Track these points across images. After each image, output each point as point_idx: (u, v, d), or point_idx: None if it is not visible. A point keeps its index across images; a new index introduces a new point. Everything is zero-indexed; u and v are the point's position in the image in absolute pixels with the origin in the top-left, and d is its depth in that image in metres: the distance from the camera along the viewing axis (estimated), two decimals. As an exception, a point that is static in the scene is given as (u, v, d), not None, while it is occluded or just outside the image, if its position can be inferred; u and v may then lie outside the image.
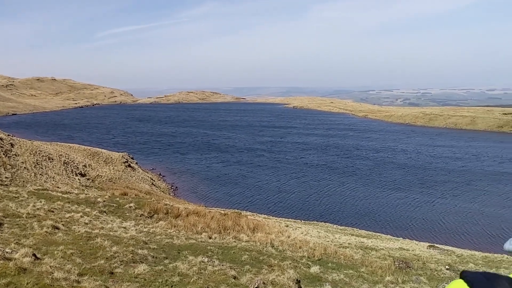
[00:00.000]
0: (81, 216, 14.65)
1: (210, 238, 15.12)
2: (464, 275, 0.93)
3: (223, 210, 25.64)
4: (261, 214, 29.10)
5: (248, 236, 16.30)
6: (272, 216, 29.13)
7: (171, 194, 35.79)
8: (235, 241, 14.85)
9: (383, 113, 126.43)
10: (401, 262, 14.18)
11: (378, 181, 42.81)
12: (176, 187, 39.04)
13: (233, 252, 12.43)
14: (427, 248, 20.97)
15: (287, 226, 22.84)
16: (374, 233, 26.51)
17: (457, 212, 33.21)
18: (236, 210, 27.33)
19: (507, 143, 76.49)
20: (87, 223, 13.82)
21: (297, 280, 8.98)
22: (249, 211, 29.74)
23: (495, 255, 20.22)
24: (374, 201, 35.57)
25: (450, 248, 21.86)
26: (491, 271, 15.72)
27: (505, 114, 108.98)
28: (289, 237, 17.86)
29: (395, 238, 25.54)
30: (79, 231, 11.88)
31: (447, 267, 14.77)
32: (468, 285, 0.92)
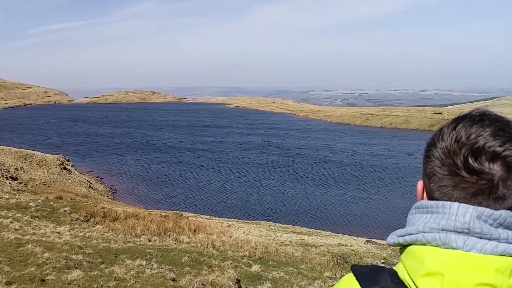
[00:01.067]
0: (11, 222, 13.87)
1: (149, 241, 14.83)
2: (353, 269, 0.97)
3: (164, 212, 25.21)
4: (204, 215, 28.87)
5: (189, 237, 16.13)
6: (215, 217, 28.99)
7: (109, 197, 34.72)
8: (175, 243, 14.65)
9: (323, 113, 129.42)
10: (339, 258, 14.56)
11: (318, 179, 43.80)
12: (115, 190, 37.93)
13: (173, 254, 12.25)
14: (364, 243, 21.66)
15: (229, 226, 22.81)
16: (315, 230, 27.07)
17: (392, 208, 34.65)
18: (177, 212, 26.96)
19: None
20: (17, 229, 13.10)
21: (237, 279, 8.98)
22: (191, 212, 29.41)
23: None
24: (315, 199, 36.37)
25: (385, 242, 22.58)
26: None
27: (436, 113, 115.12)
28: (230, 237, 17.86)
29: (335, 234, 26.16)
30: (8, 238, 11.23)
31: (382, 260, 15.34)
32: (356, 278, 0.95)
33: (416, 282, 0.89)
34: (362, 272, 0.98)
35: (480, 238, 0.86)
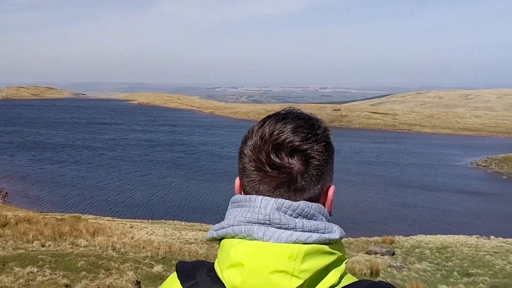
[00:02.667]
0: None
1: (43, 246, 13.89)
2: (176, 266, 1.00)
3: (60, 215, 23.80)
4: (105, 216, 27.67)
5: (87, 240, 15.40)
6: (117, 218, 27.90)
7: (-1, 201, 31.92)
8: (72, 247, 13.89)
9: (229, 110, 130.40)
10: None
11: (223, 176, 44.04)
12: (6, 193, 34.98)
13: (69, 259, 11.59)
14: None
15: (131, 227, 22.11)
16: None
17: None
18: (75, 214, 25.58)
19: (335, 136, 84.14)
20: None
21: (137, 281, 8.70)
22: (91, 214, 28.03)
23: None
24: (221, 196, 36.51)
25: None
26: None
27: (335, 110, 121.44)
28: (132, 238, 17.35)
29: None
30: None
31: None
32: (176, 275, 0.98)
33: (222, 274, 0.92)
34: (183, 268, 1.00)
35: (279, 228, 0.90)
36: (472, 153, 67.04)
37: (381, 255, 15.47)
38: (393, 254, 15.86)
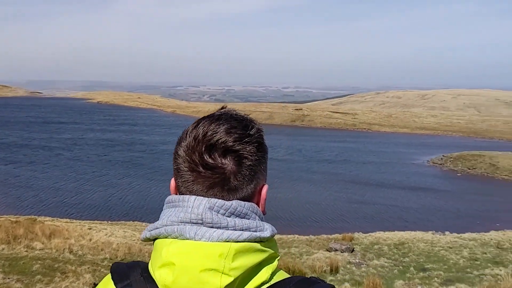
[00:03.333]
0: None
1: (-5, 250, 13.33)
2: (111, 267, 1.01)
3: (14, 217, 22.97)
4: (62, 218, 26.88)
5: (43, 243, 14.91)
6: (75, 220, 27.16)
7: None
8: (26, 251, 13.42)
9: (191, 109, 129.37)
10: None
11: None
12: (-45, 196, 33.45)
13: (23, 263, 11.21)
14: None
15: (90, 228, 21.59)
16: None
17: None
18: (31, 216, 24.76)
19: (297, 135, 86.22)
20: None
21: (94, 284, 8.49)
22: (48, 216, 27.19)
23: (288, 236, 22.37)
24: (182, 195, 36.16)
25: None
26: (284, 251, 17.46)
27: (297, 109, 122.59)
28: (90, 240, 16.95)
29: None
30: None
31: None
32: (111, 276, 0.99)
33: (154, 274, 0.93)
34: (117, 269, 1.01)
35: (212, 227, 0.92)
36: (429, 151, 69.22)
37: (341, 252, 15.74)
38: (353, 250, 16.17)
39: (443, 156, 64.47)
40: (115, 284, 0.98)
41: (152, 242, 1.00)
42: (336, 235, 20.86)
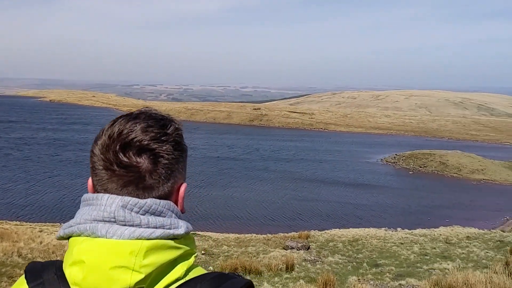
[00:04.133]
0: None
1: None
2: (27, 266, 1.01)
3: (-41, 221, 21.87)
4: (11, 221, 25.82)
5: (-11, 247, 14.26)
6: (25, 222, 26.17)
7: None
8: (-29, 256, 12.80)
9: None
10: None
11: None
12: None
13: (-33, 268, 10.67)
14: (187, 236, 21.98)
15: (41, 231, 20.85)
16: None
17: (212, 199, 35.88)
18: (-23, 219, 23.63)
19: (255, 135, 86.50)
20: None
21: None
22: (-4, 219, 26.03)
23: (246, 235, 22.41)
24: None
25: (209, 233, 23.31)
26: (241, 250, 17.48)
27: (255, 109, 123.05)
28: (41, 243, 16.38)
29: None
30: None
31: (203, 252, 15.73)
32: (25, 275, 0.98)
33: (65, 272, 0.93)
34: (32, 269, 1.00)
35: (124, 225, 0.92)
36: (382, 150, 71.17)
37: (297, 249, 15.93)
38: (308, 248, 16.40)
39: (396, 155, 66.50)
40: (28, 283, 0.97)
41: (67, 240, 1.00)
42: (293, 233, 21.09)
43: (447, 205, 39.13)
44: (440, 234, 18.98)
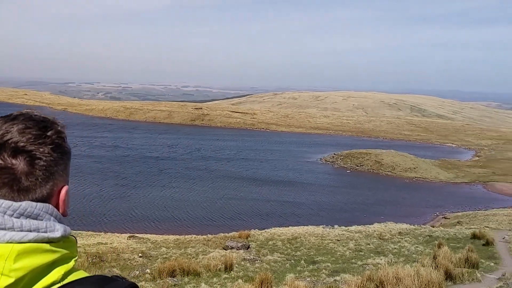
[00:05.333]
0: None
1: None
2: None
3: None
4: None
5: None
6: None
7: None
8: None
9: (84, 107, 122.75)
10: (94, 257, 14.00)
11: (73, 176, 41.29)
12: None
13: None
14: (127, 239, 21.37)
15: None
16: (75, 231, 25.48)
17: (151, 200, 35.19)
18: None
19: (197, 134, 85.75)
20: None
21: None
22: None
23: (186, 236, 22.10)
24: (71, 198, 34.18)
25: (148, 236, 22.82)
26: (180, 251, 17.24)
27: (197, 108, 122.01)
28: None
29: (96, 233, 25.22)
30: None
31: (140, 254, 15.35)
32: None
33: None
34: None
35: None
36: (321, 150, 72.93)
37: (237, 249, 15.93)
38: (248, 247, 16.45)
39: (334, 154, 68.39)
40: None
41: None
42: (233, 233, 21.07)
43: (382, 203, 40.74)
44: (375, 231, 19.67)
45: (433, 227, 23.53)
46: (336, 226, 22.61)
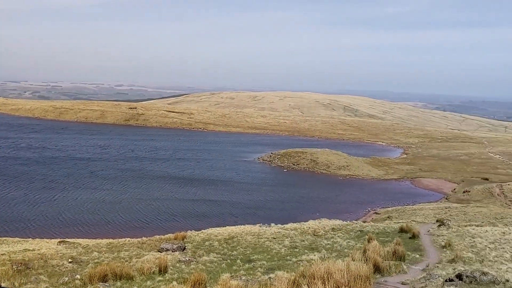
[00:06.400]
0: None
1: None
2: None
3: None
4: None
5: None
6: None
7: None
8: None
9: (9, 106, 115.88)
10: (20, 265, 13.21)
11: (1, 180, 38.94)
12: None
13: None
14: (56, 245, 20.41)
15: None
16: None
17: (82, 204, 33.88)
18: None
19: (131, 135, 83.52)
20: None
21: None
22: None
23: (119, 240, 21.45)
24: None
25: (79, 240, 21.94)
26: (113, 255, 16.69)
27: (131, 108, 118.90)
28: None
29: (24, 239, 23.97)
30: None
31: (70, 260, 14.69)
32: None
33: None
34: None
35: None
36: (259, 149, 73.60)
37: (172, 251, 15.64)
38: (184, 249, 16.20)
39: (271, 153, 69.29)
40: None
41: None
42: (169, 235, 20.71)
43: (317, 200, 41.77)
44: (309, 227, 20.07)
45: (364, 222, 24.41)
46: (272, 224, 22.83)
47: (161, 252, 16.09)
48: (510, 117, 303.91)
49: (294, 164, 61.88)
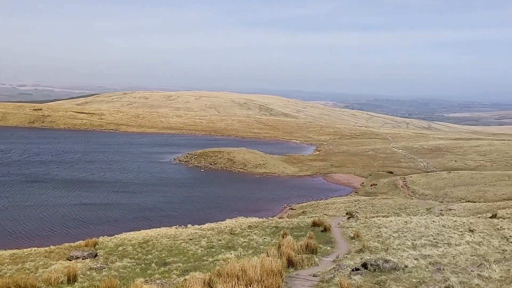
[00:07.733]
0: None
1: None
2: None
3: None
4: None
5: None
6: None
7: None
8: None
9: None
10: None
11: None
12: None
13: None
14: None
15: None
16: None
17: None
18: None
19: (36, 138, 78.45)
20: None
21: None
22: None
23: (24, 250, 20.04)
24: None
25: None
26: (17, 267, 15.53)
27: (36, 109, 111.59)
28: None
29: None
30: None
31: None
32: None
33: None
34: None
35: None
36: (175, 150, 72.51)
37: (83, 259, 14.88)
38: (96, 256, 15.48)
39: (188, 154, 68.56)
40: None
41: None
42: (80, 242, 19.67)
43: (234, 199, 42.04)
44: (226, 226, 20.11)
45: (280, 218, 24.96)
46: (189, 226, 22.59)
47: (70, 260, 15.29)
48: (411, 114, 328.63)
49: (211, 164, 61.82)
